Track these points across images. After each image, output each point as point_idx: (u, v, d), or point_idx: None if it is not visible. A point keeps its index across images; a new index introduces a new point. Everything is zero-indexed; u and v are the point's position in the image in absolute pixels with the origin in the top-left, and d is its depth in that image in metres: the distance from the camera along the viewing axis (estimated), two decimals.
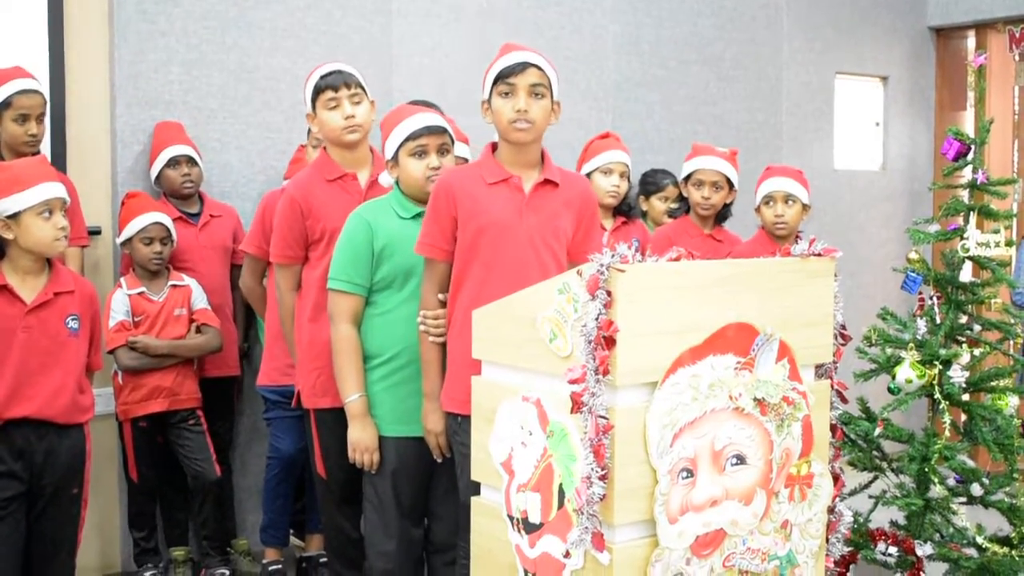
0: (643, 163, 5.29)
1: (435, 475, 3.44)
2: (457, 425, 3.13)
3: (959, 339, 3.71)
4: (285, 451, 4.48)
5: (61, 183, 3.45)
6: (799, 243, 2.68)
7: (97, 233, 4.61)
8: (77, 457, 3.49)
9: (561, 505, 2.45)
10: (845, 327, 2.78)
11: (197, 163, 4.66)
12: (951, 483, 3.68)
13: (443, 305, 3.24)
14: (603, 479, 2.31)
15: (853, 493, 3.73)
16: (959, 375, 3.63)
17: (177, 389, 4.43)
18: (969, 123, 7.13)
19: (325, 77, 3.67)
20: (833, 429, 2.76)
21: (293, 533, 4.81)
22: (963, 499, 3.70)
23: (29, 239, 3.34)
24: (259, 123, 4.97)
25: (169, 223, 4.45)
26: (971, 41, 7.36)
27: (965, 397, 3.72)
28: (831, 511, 2.75)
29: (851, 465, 3.73)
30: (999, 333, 3.73)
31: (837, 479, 2.77)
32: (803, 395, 2.58)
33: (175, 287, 4.47)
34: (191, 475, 4.47)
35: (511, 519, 2.61)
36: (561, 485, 2.45)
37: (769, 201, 4.29)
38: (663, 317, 2.37)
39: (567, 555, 2.43)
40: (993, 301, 3.74)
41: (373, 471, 3.40)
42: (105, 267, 4.68)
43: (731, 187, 4.42)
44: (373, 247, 3.35)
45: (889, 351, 3.69)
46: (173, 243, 4.48)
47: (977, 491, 3.67)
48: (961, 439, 3.70)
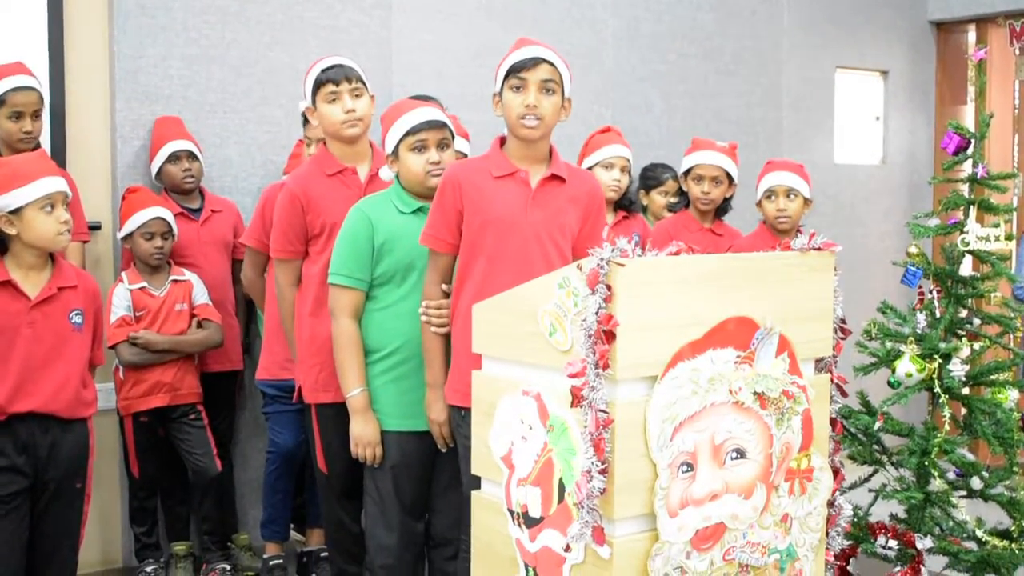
0: (643, 158, 5.29)
1: (436, 469, 3.45)
2: (461, 418, 3.13)
3: (959, 333, 3.70)
4: (284, 445, 4.48)
5: (62, 177, 3.45)
6: (799, 237, 2.68)
7: (97, 228, 4.61)
8: (80, 452, 3.50)
9: (561, 499, 2.45)
10: (845, 321, 2.79)
11: (198, 158, 4.66)
12: (951, 477, 3.69)
13: (446, 296, 3.25)
14: (603, 473, 2.31)
15: (853, 487, 3.73)
16: (959, 369, 3.63)
17: (178, 384, 4.43)
18: (969, 117, 7.13)
19: (326, 71, 3.66)
20: (833, 423, 2.76)
21: (294, 528, 4.81)
22: (963, 493, 3.70)
23: (32, 234, 3.34)
24: (259, 118, 4.97)
25: (170, 218, 4.45)
26: (971, 35, 7.35)
27: (965, 391, 3.72)
28: (831, 505, 2.75)
29: (851, 459, 3.73)
30: (999, 327, 3.73)
31: (837, 473, 2.78)
32: (803, 389, 2.59)
33: (176, 282, 4.47)
34: (191, 470, 4.48)
35: (511, 513, 2.61)
36: (561, 479, 2.45)
37: (771, 195, 4.29)
38: (663, 311, 2.38)
39: (567, 549, 2.44)
40: (993, 295, 3.73)
41: (375, 465, 3.40)
42: (105, 262, 4.69)
43: (731, 181, 4.43)
44: (373, 242, 3.35)
45: (889, 345, 3.69)
46: (174, 238, 4.48)
47: (977, 485, 3.67)
48: (961, 433, 3.70)
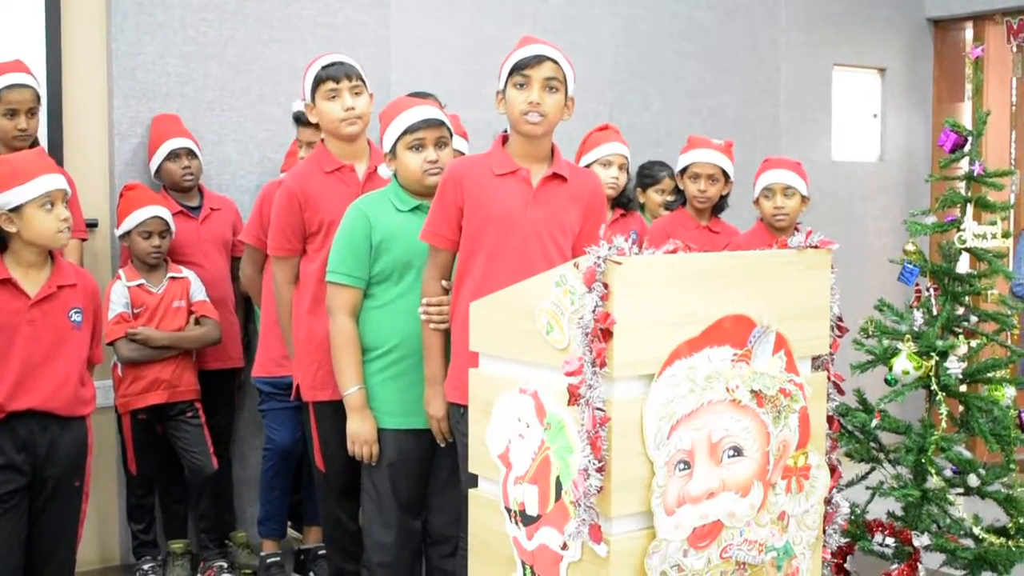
0: (640, 155, 5.29)
1: (433, 467, 3.45)
2: (460, 415, 3.13)
3: (956, 330, 3.71)
4: (281, 442, 4.49)
5: (62, 175, 3.45)
6: (796, 235, 2.69)
7: (94, 226, 4.61)
8: (79, 450, 3.50)
9: (558, 497, 2.46)
10: (842, 319, 2.78)
11: (197, 156, 4.66)
12: (948, 474, 3.69)
13: (445, 292, 3.25)
14: (600, 471, 2.31)
15: (850, 484, 3.73)
16: (956, 366, 3.63)
17: (176, 381, 4.43)
18: (967, 115, 7.13)
19: (326, 68, 3.66)
20: (830, 421, 2.76)
21: (291, 526, 4.81)
22: (960, 490, 3.70)
23: (32, 232, 3.34)
24: (257, 115, 4.97)
25: (167, 216, 4.45)
26: (969, 33, 7.35)
27: (962, 388, 3.72)
28: (828, 502, 2.75)
29: (848, 456, 3.74)
30: (996, 324, 3.74)
31: (834, 470, 2.78)
32: (800, 387, 2.59)
33: (174, 279, 4.47)
34: (188, 468, 4.48)
35: (508, 511, 2.61)
36: (558, 477, 2.45)
37: (768, 193, 4.29)
38: (660, 309, 2.38)
39: (564, 547, 2.44)
40: (990, 292, 3.74)
41: (372, 463, 3.40)
42: (103, 259, 4.69)
43: (727, 179, 4.43)
44: (371, 240, 3.35)
45: (886, 343, 3.70)
46: (171, 236, 4.48)
47: (974, 482, 3.67)
48: (958, 430, 3.70)
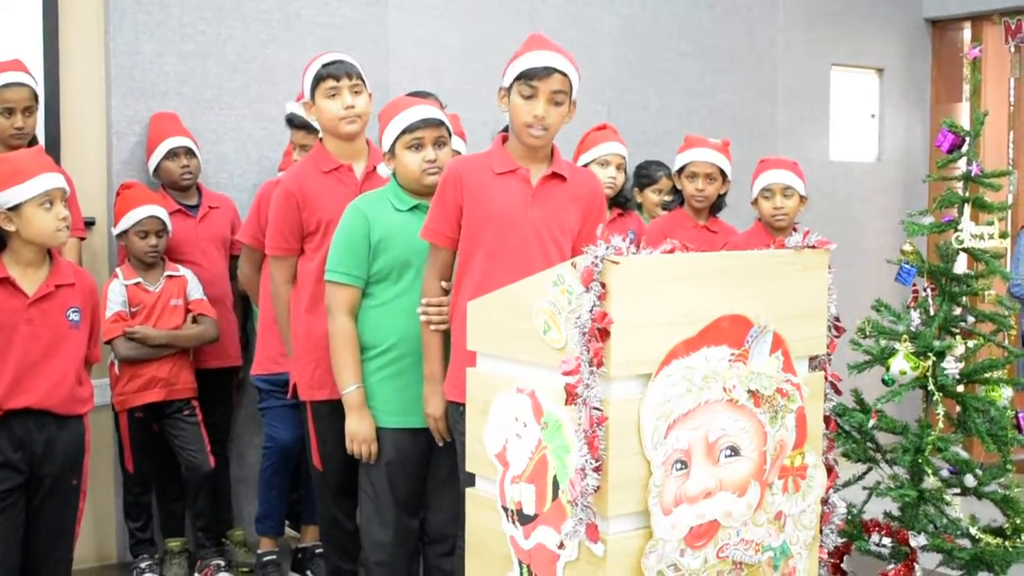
0: (638, 155, 5.29)
1: (431, 466, 3.45)
2: (459, 414, 3.13)
3: (953, 331, 3.71)
4: (281, 440, 4.48)
5: (60, 174, 3.45)
6: (794, 235, 2.69)
7: (92, 224, 4.61)
8: (76, 448, 3.49)
9: (555, 496, 2.46)
10: (839, 319, 2.79)
11: (195, 154, 4.66)
12: (945, 474, 3.69)
13: (445, 293, 3.25)
14: (597, 471, 2.31)
15: (847, 484, 3.72)
16: (953, 367, 3.64)
17: (173, 379, 4.43)
18: (965, 115, 7.13)
19: (327, 66, 3.65)
20: (827, 421, 2.77)
21: (289, 524, 4.81)
22: (957, 490, 3.71)
23: (31, 230, 3.34)
24: (255, 114, 4.97)
25: (164, 215, 4.45)
26: (967, 33, 7.35)
27: (959, 389, 3.72)
28: (825, 502, 2.76)
29: (845, 456, 3.74)
30: (993, 325, 3.74)
31: (831, 470, 2.78)
32: (797, 387, 2.59)
33: (171, 277, 4.47)
34: (185, 466, 4.48)
35: (505, 510, 2.61)
36: (555, 476, 2.46)
37: (767, 194, 4.29)
38: (657, 309, 2.38)
39: (561, 546, 2.44)
40: (987, 293, 3.75)
41: (371, 462, 3.41)
42: (100, 258, 4.69)
43: (725, 178, 4.43)
44: (370, 239, 3.36)
45: (883, 343, 3.70)
46: (168, 234, 4.48)
47: (971, 482, 3.68)
48: (955, 430, 3.70)
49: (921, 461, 3.58)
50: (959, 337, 3.71)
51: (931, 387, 3.59)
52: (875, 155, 7.26)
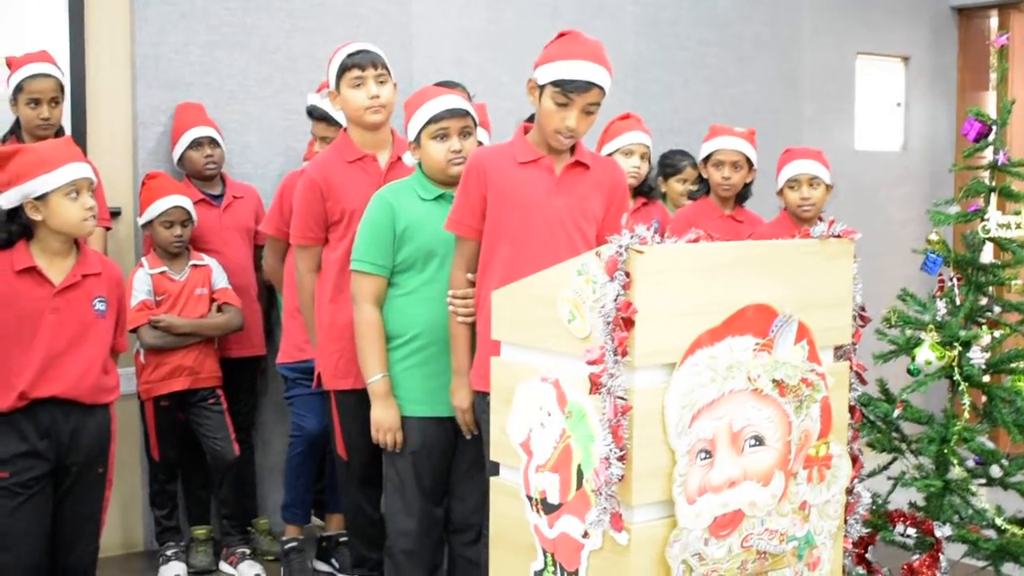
0: (662, 144, 5.29)
1: (457, 455, 3.46)
2: (485, 404, 3.14)
3: (979, 320, 3.69)
4: (309, 429, 4.49)
5: (87, 163, 3.47)
6: (819, 224, 2.68)
7: (118, 214, 4.64)
8: (102, 437, 3.51)
9: (580, 486, 2.46)
10: (864, 308, 2.78)
11: (219, 144, 4.68)
12: (970, 465, 3.67)
13: (472, 285, 3.26)
14: (621, 460, 2.32)
15: (872, 474, 3.72)
16: (979, 357, 3.62)
17: (198, 368, 4.46)
18: (991, 104, 7.08)
19: (352, 56, 3.66)
20: (852, 410, 2.76)
21: (314, 513, 4.83)
22: (982, 480, 3.69)
23: (57, 220, 3.35)
24: (279, 104, 4.99)
25: (189, 205, 4.48)
26: (994, 21, 7.29)
27: (985, 379, 3.70)
28: (849, 492, 2.75)
29: (870, 446, 3.72)
30: (1019, 314, 3.72)
31: (856, 460, 2.77)
32: (822, 376, 2.58)
33: (196, 267, 4.49)
34: (209, 454, 4.50)
35: (530, 499, 2.62)
36: (579, 466, 2.46)
37: (794, 184, 4.28)
38: (682, 298, 2.38)
39: (586, 535, 2.45)
40: (1013, 283, 3.72)
41: (396, 451, 3.41)
42: (126, 247, 4.71)
43: (751, 166, 4.42)
44: (395, 228, 3.36)
45: (909, 332, 3.68)
46: (193, 224, 4.50)
47: (996, 473, 3.66)
48: (980, 421, 3.68)
49: (946, 451, 3.56)
50: (985, 327, 3.69)
51: (957, 377, 3.57)
52: (901, 144, 7.22)
